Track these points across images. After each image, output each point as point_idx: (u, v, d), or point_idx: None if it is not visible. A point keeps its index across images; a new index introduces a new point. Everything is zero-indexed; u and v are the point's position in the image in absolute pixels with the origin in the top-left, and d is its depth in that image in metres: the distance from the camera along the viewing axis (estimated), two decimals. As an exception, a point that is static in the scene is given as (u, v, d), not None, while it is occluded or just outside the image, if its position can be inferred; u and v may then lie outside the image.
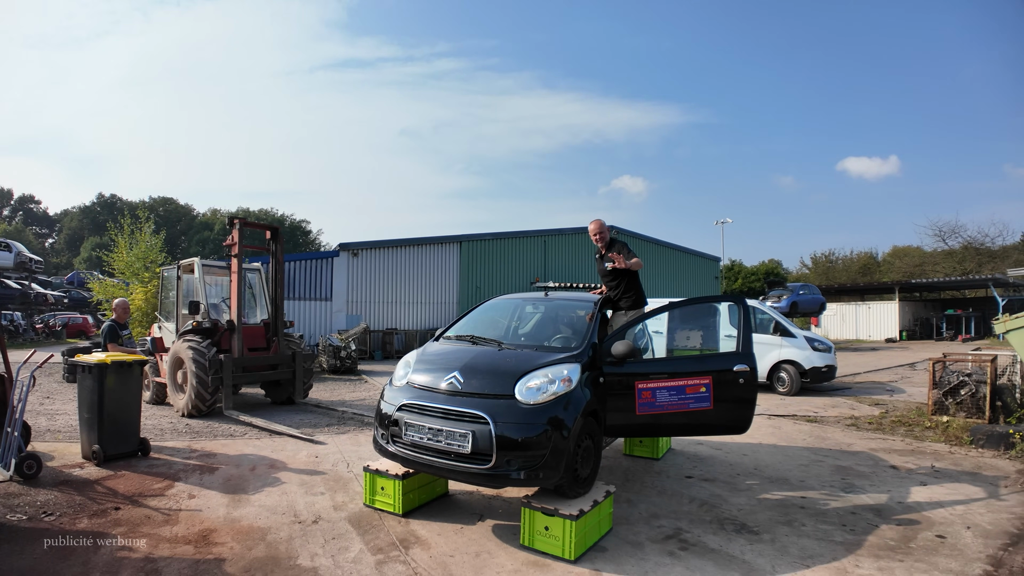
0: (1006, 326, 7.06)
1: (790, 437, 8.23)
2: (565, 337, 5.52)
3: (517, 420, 4.28)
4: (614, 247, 6.05)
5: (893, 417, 9.54)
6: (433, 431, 4.45)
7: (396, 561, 4.13)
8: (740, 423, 5.15)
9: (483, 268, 25.71)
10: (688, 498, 5.59)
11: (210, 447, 7.35)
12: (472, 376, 4.66)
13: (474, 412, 4.34)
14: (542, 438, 4.23)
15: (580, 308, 5.94)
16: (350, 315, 21.93)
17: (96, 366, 6.36)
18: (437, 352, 5.32)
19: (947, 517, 5.10)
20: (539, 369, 4.63)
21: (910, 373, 16.69)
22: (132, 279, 18.51)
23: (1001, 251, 45.53)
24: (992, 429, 7.44)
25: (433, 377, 4.82)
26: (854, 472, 6.50)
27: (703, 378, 4.98)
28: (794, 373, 12.40)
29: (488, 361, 4.90)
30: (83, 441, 6.61)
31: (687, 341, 7.13)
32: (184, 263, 11.07)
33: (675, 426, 5.24)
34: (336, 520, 4.90)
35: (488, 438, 4.22)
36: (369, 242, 22.92)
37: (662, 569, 4.07)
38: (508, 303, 6.57)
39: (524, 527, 4.39)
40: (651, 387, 4.94)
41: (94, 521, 4.76)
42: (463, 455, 4.30)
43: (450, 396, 4.58)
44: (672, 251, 32.78)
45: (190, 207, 73.61)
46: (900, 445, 7.75)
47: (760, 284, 41.46)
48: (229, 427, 8.58)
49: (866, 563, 4.18)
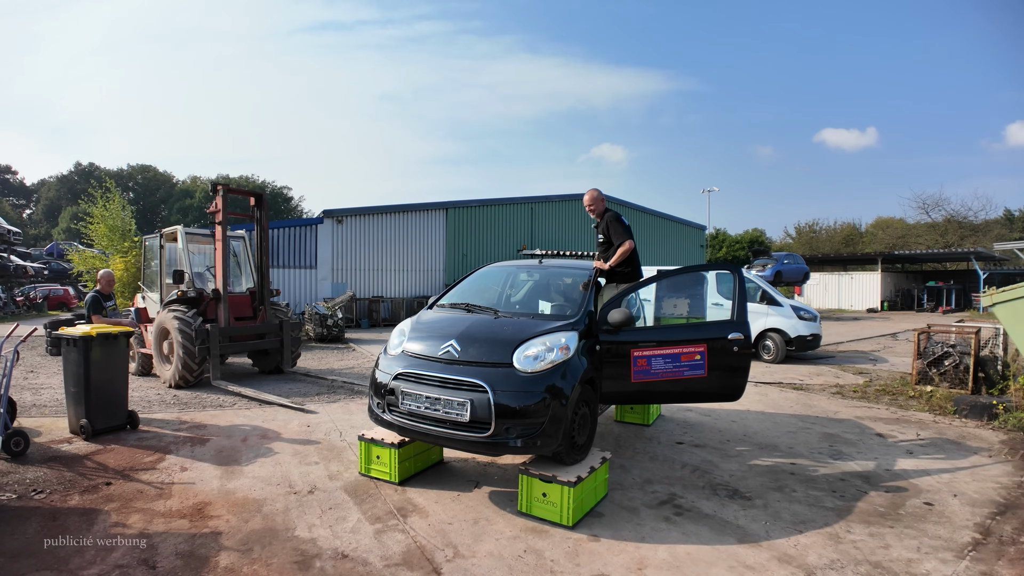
0: (992, 299, 7.11)
1: (777, 404, 8.34)
2: (561, 305, 5.50)
3: (516, 388, 4.27)
4: (605, 219, 5.90)
5: (877, 386, 9.70)
6: (431, 400, 4.42)
7: (395, 530, 4.14)
8: (733, 391, 5.19)
9: (469, 235, 25.55)
10: (680, 464, 5.66)
11: (200, 418, 7.27)
12: (469, 344, 4.63)
13: (472, 380, 4.32)
14: (540, 406, 4.23)
15: (575, 276, 5.89)
16: (335, 283, 21.78)
17: (81, 339, 6.20)
18: (432, 320, 5.28)
19: (934, 485, 5.20)
20: (537, 337, 4.60)
21: (892, 343, 16.95)
22: (110, 249, 18.23)
23: (983, 225, 46.14)
24: (976, 400, 7.59)
25: (429, 345, 4.78)
26: (841, 439, 6.61)
27: (698, 346, 4.99)
28: (780, 341, 12.54)
29: (485, 329, 4.87)
30: (70, 415, 6.48)
31: (674, 309, 7.13)
32: (167, 231, 10.82)
33: (669, 393, 5.25)
34: (332, 490, 4.89)
35: (487, 406, 4.21)
36: (354, 208, 22.65)
37: (659, 534, 4.13)
38: (502, 270, 6.51)
39: (522, 494, 4.41)
40: (646, 355, 4.95)
41: (86, 497, 4.68)
42: (461, 423, 4.29)
43: (447, 365, 4.55)
44: (657, 219, 32.81)
45: (170, 175, 71.97)
46: (885, 414, 7.89)
47: (744, 253, 41.72)
48: (218, 397, 8.50)
49: (857, 529, 4.26)
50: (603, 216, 5.92)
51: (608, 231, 5.76)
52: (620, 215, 5.91)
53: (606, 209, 6.01)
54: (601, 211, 5.98)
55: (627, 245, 5.56)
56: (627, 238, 5.61)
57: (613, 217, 5.82)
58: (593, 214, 6.03)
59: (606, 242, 5.81)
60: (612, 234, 5.71)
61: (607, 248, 5.80)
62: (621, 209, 30.35)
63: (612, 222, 5.77)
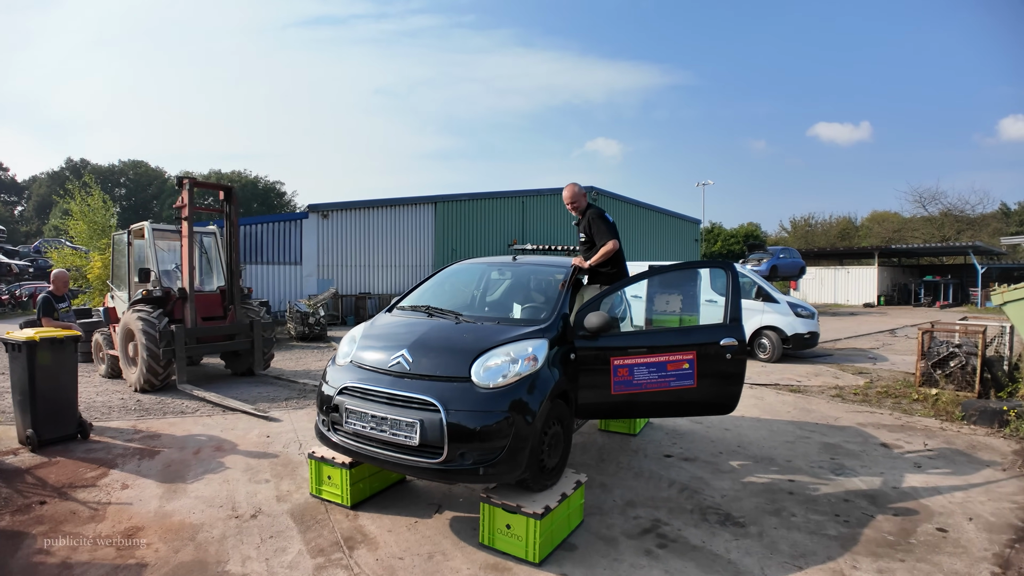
0: (1004, 297, 6.65)
1: (774, 409, 7.84)
2: (533, 307, 4.93)
3: (473, 407, 3.73)
4: (587, 216, 5.39)
5: (879, 388, 9.21)
6: (377, 419, 3.89)
7: (337, 565, 3.63)
8: (727, 402, 4.66)
9: (459, 230, 24.95)
10: (667, 481, 5.14)
11: (156, 427, 6.81)
12: (423, 355, 4.09)
13: (423, 398, 3.78)
14: (502, 426, 3.69)
15: (551, 274, 5.32)
16: (321, 279, 21.21)
17: (25, 343, 5.72)
18: (387, 325, 4.74)
19: (946, 506, 4.70)
20: (500, 347, 4.06)
21: (891, 340, 16.49)
22: (90, 246, 17.69)
23: (980, 219, 45.74)
24: (985, 405, 7.07)
25: (379, 355, 4.24)
26: (843, 451, 6.11)
27: (686, 353, 4.45)
28: (776, 340, 12.05)
29: (442, 337, 4.33)
30: (18, 425, 6.05)
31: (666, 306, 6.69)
32: (135, 227, 10.30)
33: (655, 406, 4.71)
34: (277, 514, 4.39)
35: (439, 428, 3.67)
36: (340, 203, 22.05)
37: (638, 572, 3.61)
38: (472, 268, 5.96)
39: (483, 525, 3.89)
40: (628, 363, 4.41)
41: (16, 519, 4.24)
42: (411, 447, 3.76)
43: (397, 378, 4.01)
44: (651, 213, 32.27)
45: (162, 170, 71.04)
46: (889, 419, 7.39)
47: (740, 247, 41.28)
48: (182, 403, 8.03)
49: (864, 563, 3.75)
50: (585, 213, 5.41)
51: (590, 230, 5.27)
52: (604, 212, 5.40)
53: (588, 205, 5.50)
54: (583, 208, 5.47)
55: (610, 245, 5.06)
56: (611, 238, 5.10)
57: (596, 215, 5.31)
58: (574, 211, 5.52)
59: (588, 241, 5.30)
60: (595, 233, 5.22)
61: (590, 248, 5.30)
62: (614, 203, 29.89)
63: (595, 220, 5.27)
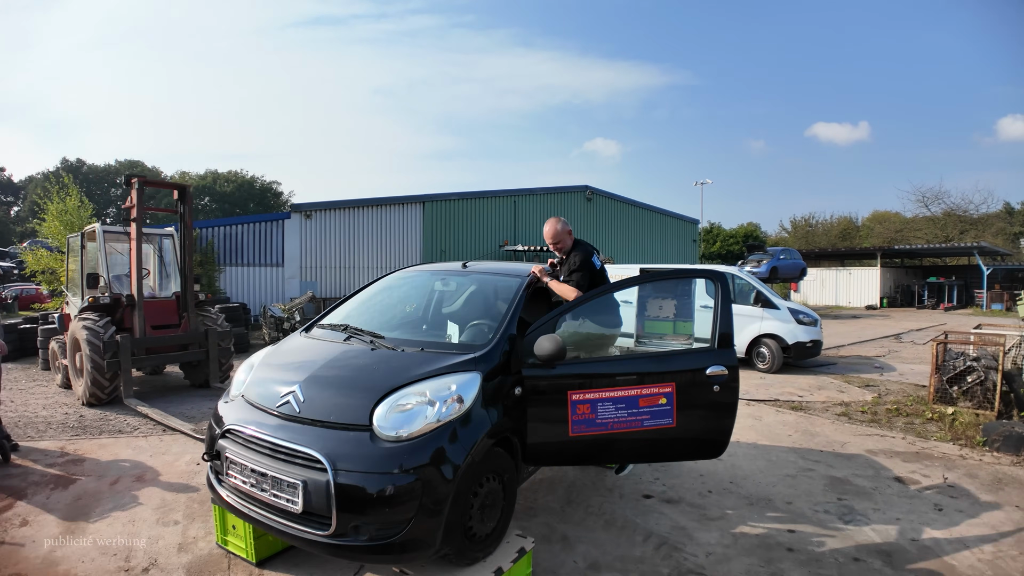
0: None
1: (773, 433, 7.04)
2: (475, 328, 4.02)
3: (369, 466, 2.90)
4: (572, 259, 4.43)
5: (889, 404, 8.39)
6: (256, 475, 3.09)
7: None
8: (714, 445, 3.87)
9: (448, 231, 24.12)
10: (643, 534, 4.31)
11: (84, 449, 6.16)
12: (317, 392, 3.28)
13: (307, 452, 2.96)
14: (409, 490, 2.87)
15: (505, 285, 4.37)
16: (304, 282, 20.43)
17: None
18: (292, 351, 3.96)
19: (975, 566, 3.90)
20: (413, 384, 3.22)
21: (897, 346, 15.68)
22: (64, 247, 17.02)
23: (983, 219, 44.94)
24: (1010, 429, 6.25)
25: (270, 391, 3.44)
26: (852, 488, 5.29)
27: (663, 385, 3.64)
28: (776, 348, 11.25)
29: (346, 368, 3.52)
30: (-66, 448, 5.44)
31: (659, 311, 5.93)
32: (87, 230, 9.70)
33: (625, 450, 3.87)
34: (172, 569, 3.69)
35: (324, 493, 2.86)
36: (323, 203, 21.30)
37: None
38: (414, 278, 5.11)
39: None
40: (589, 398, 3.59)
41: None
42: (294, 514, 2.96)
43: (284, 423, 3.20)
44: (649, 213, 31.48)
45: (158, 170, 70.44)
46: (902, 445, 6.58)
47: (739, 247, 40.42)
48: (124, 419, 7.36)
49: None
50: (570, 255, 4.48)
51: (573, 276, 4.33)
52: (592, 257, 4.44)
53: (576, 242, 4.56)
54: (568, 248, 4.53)
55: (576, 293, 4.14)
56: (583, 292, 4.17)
57: (583, 262, 4.36)
58: (558, 252, 4.59)
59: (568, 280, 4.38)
60: (578, 281, 4.27)
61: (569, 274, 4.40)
62: (612, 203, 29.14)
63: (582, 269, 4.33)
